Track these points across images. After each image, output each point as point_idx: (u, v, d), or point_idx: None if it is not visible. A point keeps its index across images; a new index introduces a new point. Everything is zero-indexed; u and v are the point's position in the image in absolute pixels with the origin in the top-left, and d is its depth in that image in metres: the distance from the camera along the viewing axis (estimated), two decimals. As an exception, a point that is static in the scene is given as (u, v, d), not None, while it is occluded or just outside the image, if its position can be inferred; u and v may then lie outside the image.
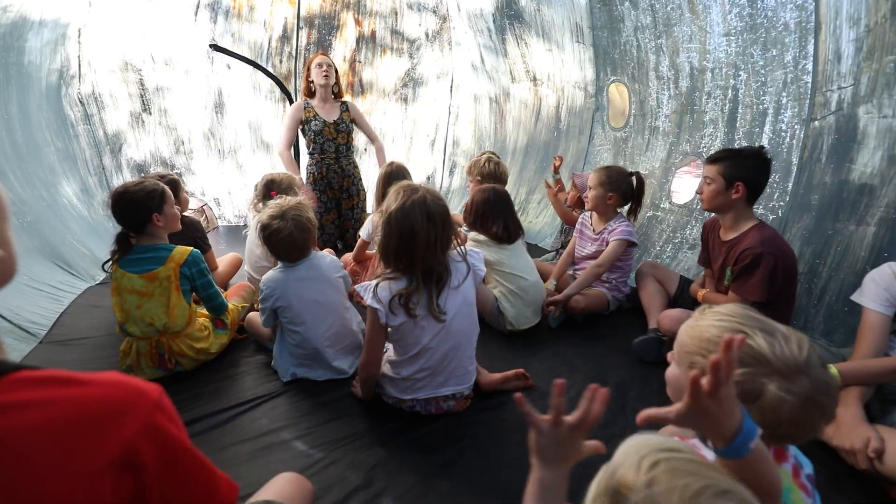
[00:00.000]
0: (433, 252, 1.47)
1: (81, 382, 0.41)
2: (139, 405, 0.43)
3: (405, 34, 4.48)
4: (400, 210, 1.45)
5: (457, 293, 1.56)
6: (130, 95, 3.89)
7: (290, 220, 1.78)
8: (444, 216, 1.49)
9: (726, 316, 0.79)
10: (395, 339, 1.59)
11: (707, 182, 2.02)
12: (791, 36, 2.29)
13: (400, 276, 1.50)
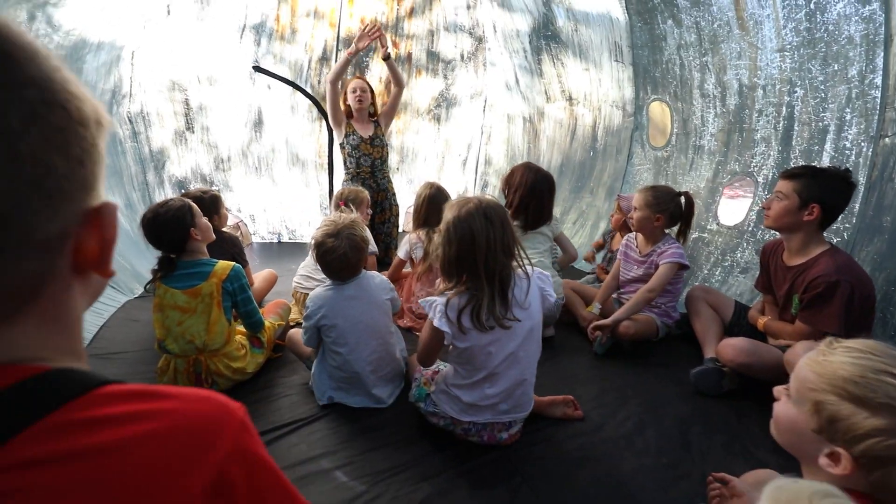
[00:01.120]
0: (494, 253, 1.41)
1: (170, 396, 0.39)
2: (228, 423, 0.40)
3: (441, 55, 4.52)
4: (457, 217, 1.43)
5: (526, 315, 1.50)
6: (175, 114, 4.02)
7: (345, 239, 1.74)
8: (502, 217, 1.45)
9: (864, 353, 0.69)
10: (461, 362, 1.53)
11: (778, 197, 1.89)
12: (856, 49, 2.17)
13: (464, 290, 1.45)
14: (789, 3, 2.40)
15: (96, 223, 0.39)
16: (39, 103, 0.34)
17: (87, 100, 0.39)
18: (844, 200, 1.87)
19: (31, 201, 0.34)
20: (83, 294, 0.43)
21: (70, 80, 0.37)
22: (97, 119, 0.40)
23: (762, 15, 2.56)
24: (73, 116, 0.37)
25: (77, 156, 0.37)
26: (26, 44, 0.35)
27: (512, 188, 2.52)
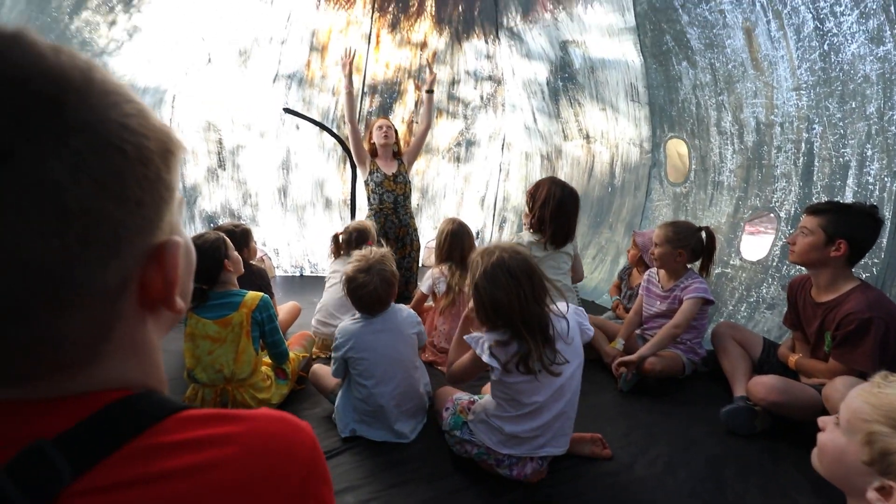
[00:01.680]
0: (528, 306, 1.46)
1: (245, 419, 0.39)
2: (303, 442, 0.41)
3: (461, 98, 4.72)
4: (483, 277, 1.49)
5: (571, 350, 1.53)
6: (209, 153, 4.25)
7: (377, 275, 1.78)
8: (526, 270, 1.49)
9: None
10: (507, 397, 1.53)
11: (803, 233, 1.89)
12: (873, 88, 2.20)
13: (507, 333, 1.49)
14: (803, 45, 2.46)
15: (159, 262, 0.38)
16: (89, 150, 0.32)
17: (150, 132, 0.37)
18: (872, 236, 1.85)
19: (83, 256, 0.33)
20: (157, 325, 0.42)
21: (130, 115, 0.36)
22: (164, 150, 0.38)
23: (776, 56, 2.63)
24: (131, 156, 0.35)
25: (136, 198, 0.35)
26: (80, 83, 0.33)
27: (537, 202, 2.53)
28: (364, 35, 4.15)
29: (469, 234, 2.66)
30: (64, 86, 0.32)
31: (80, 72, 0.33)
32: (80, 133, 0.32)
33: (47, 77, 0.31)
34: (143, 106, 0.38)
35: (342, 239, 2.81)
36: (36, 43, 0.32)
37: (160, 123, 0.39)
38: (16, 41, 0.31)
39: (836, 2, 2.22)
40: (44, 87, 0.31)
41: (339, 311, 2.58)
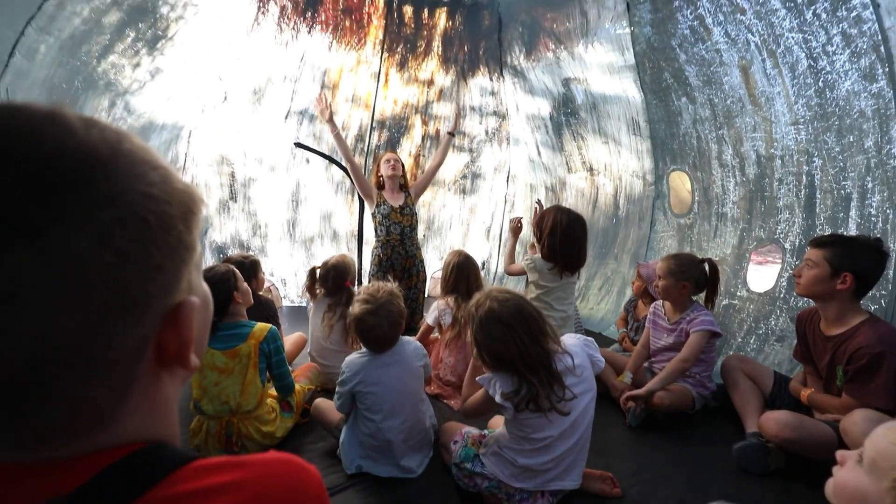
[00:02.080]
0: (527, 349, 1.47)
1: (253, 464, 0.40)
2: (310, 486, 0.42)
3: (467, 132, 4.85)
4: (478, 330, 1.53)
5: (582, 383, 1.53)
6: (221, 185, 4.37)
7: (384, 317, 1.78)
8: (518, 315, 1.51)
9: None
10: (521, 434, 1.53)
11: (808, 265, 1.89)
12: (869, 122, 2.25)
13: (513, 377, 1.50)
14: (798, 82, 2.53)
15: (175, 323, 0.39)
16: (113, 222, 0.33)
17: (174, 197, 0.38)
18: (878, 270, 1.85)
19: (103, 325, 0.33)
20: (172, 381, 0.43)
21: (154, 183, 0.37)
22: (186, 212, 0.39)
23: (773, 92, 2.70)
24: (153, 224, 0.36)
25: (156, 263, 0.36)
26: (108, 156, 0.35)
27: (545, 231, 2.55)
28: (374, 74, 4.32)
29: (474, 265, 2.68)
30: (92, 162, 0.34)
31: (108, 145, 0.35)
32: (105, 207, 0.33)
33: (77, 154, 0.33)
34: (168, 171, 0.39)
35: (319, 274, 2.71)
36: (69, 120, 0.34)
37: (183, 185, 0.40)
38: (51, 120, 0.34)
39: (827, 42, 2.30)
40: (74, 164, 0.33)
41: (324, 357, 2.59)
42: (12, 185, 0.30)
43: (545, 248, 2.53)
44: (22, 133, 0.33)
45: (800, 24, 2.38)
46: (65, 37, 2.31)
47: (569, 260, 2.51)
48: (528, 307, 1.55)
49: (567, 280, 2.56)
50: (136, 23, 2.64)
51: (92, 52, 2.53)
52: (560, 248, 2.49)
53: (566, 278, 2.55)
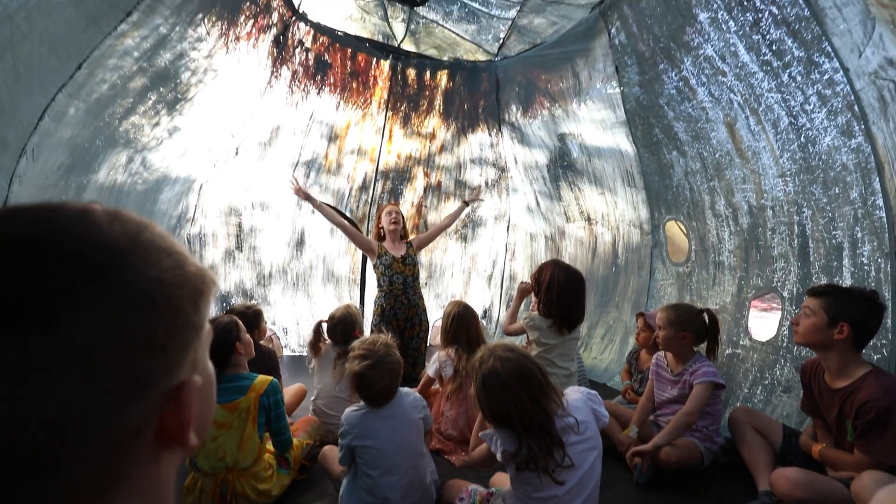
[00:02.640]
0: (526, 410, 1.47)
1: None
2: None
3: (467, 182, 5.02)
4: (480, 387, 1.53)
5: (586, 441, 1.51)
6: (228, 235, 4.47)
7: (385, 370, 1.78)
8: (519, 375, 1.50)
9: None
10: (525, 491, 1.50)
11: (806, 314, 1.90)
12: (852, 175, 2.33)
13: (512, 436, 1.50)
14: (781, 137, 2.66)
15: (176, 403, 0.39)
16: (123, 308, 0.35)
17: (185, 280, 0.40)
18: (875, 321, 1.86)
19: (104, 404, 0.34)
20: (171, 459, 0.42)
21: (167, 269, 0.39)
22: (196, 294, 0.41)
23: (758, 146, 2.82)
24: (162, 308, 0.38)
25: (161, 345, 0.37)
26: (126, 247, 0.37)
27: (542, 286, 2.54)
28: (378, 129, 4.54)
29: (474, 316, 2.69)
30: (111, 254, 0.37)
31: (128, 237, 0.38)
32: (117, 293, 0.35)
33: (99, 248, 0.36)
34: (183, 256, 0.42)
35: (327, 328, 2.73)
36: (96, 217, 0.39)
37: (195, 269, 0.43)
38: (81, 218, 0.38)
39: (805, 101, 2.44)
40: (94, 257, 0.36)
41: (332, 408, 2.56)
42: (36, 277, 0.33)
43: (542, 303, 2.51)
44: (54, 230, 0.36)
45: (777, 85, 2.53)
46: (91, 101, 2.48)
47: (566, 316, 2.48)
48: (531, 367, 1.54)
49: (568, 336, 2.52)
50: (159, 87, 2.84)
51: (115, 113, 2.70)
52: (557, 304, 2.47)
53: (567, 335, 2.51)
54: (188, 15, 2.64)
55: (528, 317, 2.56)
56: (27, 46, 1.89)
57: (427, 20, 3.99)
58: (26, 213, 0.37)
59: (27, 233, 0.36)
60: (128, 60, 2.48)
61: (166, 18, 2.49)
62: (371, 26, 4.05)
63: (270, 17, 3.34)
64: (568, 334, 2.50)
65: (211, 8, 2.79)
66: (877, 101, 2.06)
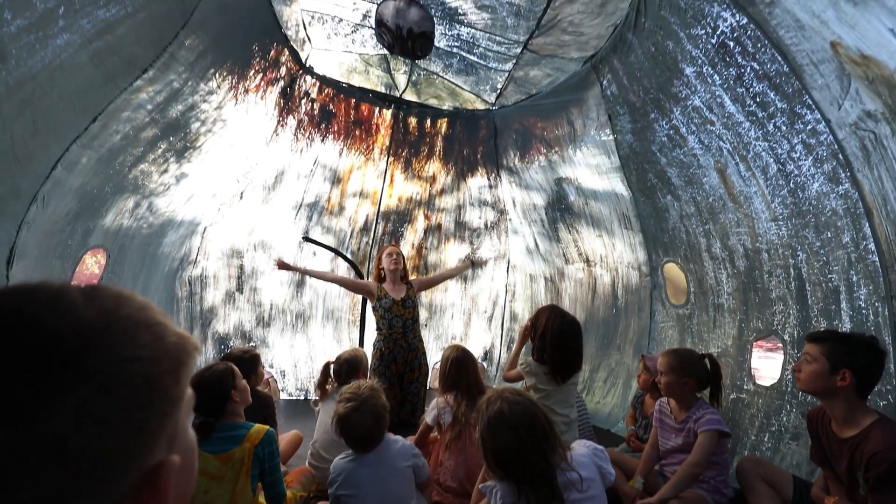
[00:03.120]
0: (529, 457, 1.45)
1: None
2: None
3: (467, 224, 5.11)
4: (486, 427, 1.52)
5: (587, 501, 1.47)
6: (230, 277, 4.50)
7: (368, 412, 1.78)
8: (525, 420, 1.49)
9: None
10: None
11: (807, 360, 1.88)
12: (842, 220, 2.38)
13: (513, 486, 1.47)
14: (771, 183, 2.73)
15: (154, 484, 0.38)
16: (98, 392, 0.34)
17: (165, 352, 0.40)
18: (876, 368, 1.84)
19: (78, 488, 0.33)
20: None
21: (145, 346, 0.39)
22: (176, 365, 0.41)
23: (750, 191, 2.89)
24: (139, 385, 0.37)
25: (138, 425, 0.37)
26: (102, 328, 0.37)
27: (538, 333, 2.52)
28: (380, 173, 4.67)
29: (473, 360, 2.66)
30: (86, 338, 0.36)
31: (104, 317, 0.38)
32: (91, 380, 0.34)
33: (74, 333, 0.36)
34: (163, 327, 0.42)
35: (333, 370, 2.77)
36: (71, 298, 0.38)
37: (176, 338, 0.42)
38: (55, 302, 0.37)
39: (791, 149, 2.52)
40: (69, 345, 0.35)
41: (328, 451, 2.50)
42: (7, 373, 0.33)
43: (536, 350, 2.49)
44: (26, 319, 0.36)
45: (764, 134, 2.63)
46: (104, 150, 2.58)
47: (561, 366, 2.43)
48: (538, 413, 1.53)
49: (564, 384, 2.48)
50: (169, 137, 2.95)
51: (125, 161, 2.80)
52: (551, 353, 2.43)
53: (562, 384, 2.46)
54: (201, 70, 2.79)
55: (524, 362, 2.53)
56: (46, 102, 2.00)
57: (428, 72, 4.19)
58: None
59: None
60: (141, 112, 2.60)
61: (180, 74, 2.64)
62: (374, 78, 4.26)
63: (279, 71, 3.52)
64: (563, 384, 2.45)
65: (223, 63, 2.95)
66: (859, 151, 2.14)
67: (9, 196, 2.12)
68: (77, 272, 2.91)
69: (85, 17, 1.85)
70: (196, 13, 2.42)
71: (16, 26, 1.60)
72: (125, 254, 3.33)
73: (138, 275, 3.59)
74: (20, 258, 2.32)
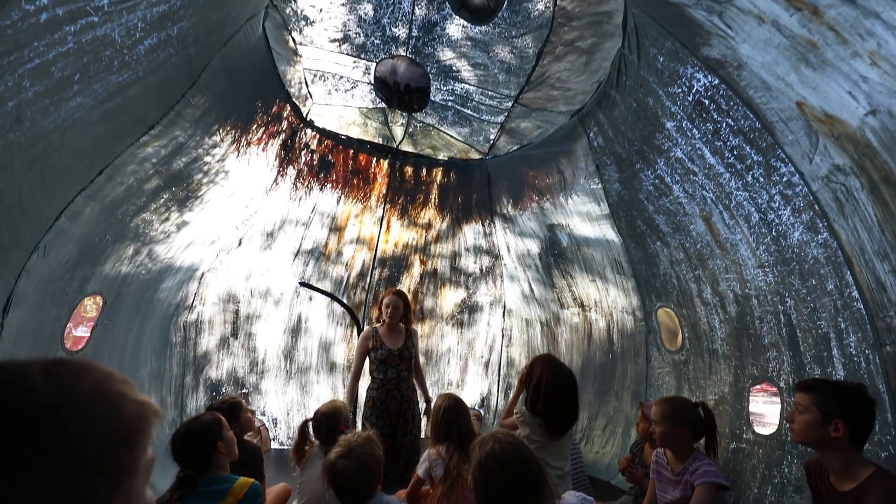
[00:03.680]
0: (519, 500, 1.46)
1: None
2: None
3: (463, 270, 5.16)
4: (477, 468, 1.53)
5: None
6: (225, 322, 4.50)
7: (356, 459, 1.75)
8: (516, 462, 1.50)
9: None
10: None
11: (799, 410, 1.87)
12: (825, 268, 2.43)
13: None
14: (755, 231, 2.80)
15: None
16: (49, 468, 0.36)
17: (122, 422, 0.41)
18: (868, 416, 1.82)
19: None
20: None
21: (100, 419, 0.40)
22: (133, 434, 0.42)
23: (735, 239, 2.96)
24: (90, 460, 0.38)
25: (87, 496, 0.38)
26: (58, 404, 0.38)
27: (532, 383, 2.46)
28: (377, 220, 4.78)
29: (465, 409, 2.61)
30: (41, 417, 0.38)
31: (60, 395, 0.39)
32: (43, 456, 0.36)
33: (29, 412, 0.38)
34: (121, 397, 0.43)
35: (312, 426, 2.58)
36: (30, 378, 0.40)
37: (136, 406, 0.44)
38: (13, 383, 0.39)
39: (770, 199, 2.61)
40: (23, 425, 0.37)
41: None
42: None
43: (530, 401, 2.44)
44: None
45: (744, 184, 2.73)
46: (107, 201, 2.67)
47: (555, 420, 2.37)
48: (529, 457, 1.54)
49: (559, 441, 2.42)
50: (171, 187, 3.06)
51: (128, 211, 2.89)
52: (544, 406, 2.38)
53: (557, 440, 2.40)
54: (206, 126, 2.94)
55: (519, 411, 2.49)
56: (56, 159, 2.10)
57: (424, 124, 4.39)
58: None
59: None
60: (145, 165, 2.71)
61: (185, 129, 2.78)
62: (372, 130, 4.46)
63: (280, 125, 3.69)
64: (558, 440, 2.38)
65: (227, 119, 3.11)
66: (833, 202, 2.23)
67: (11, 246, 2.18)
68: (75, 314, 2.93)
69: (99, 83, 1.98)
70: (203, 74, 2.59)
71: (33, 92, 1.72)
72: (122, 299, 3.35)
73: (133, 320, 3.60)
74: (16, 306, 2.35)
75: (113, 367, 2.40)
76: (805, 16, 1.89)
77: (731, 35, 2.23)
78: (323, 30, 3.46)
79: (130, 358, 3.64)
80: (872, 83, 1.84)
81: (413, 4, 3.34)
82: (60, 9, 1.59)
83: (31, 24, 1.53)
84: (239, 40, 2.76)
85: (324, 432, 2.52)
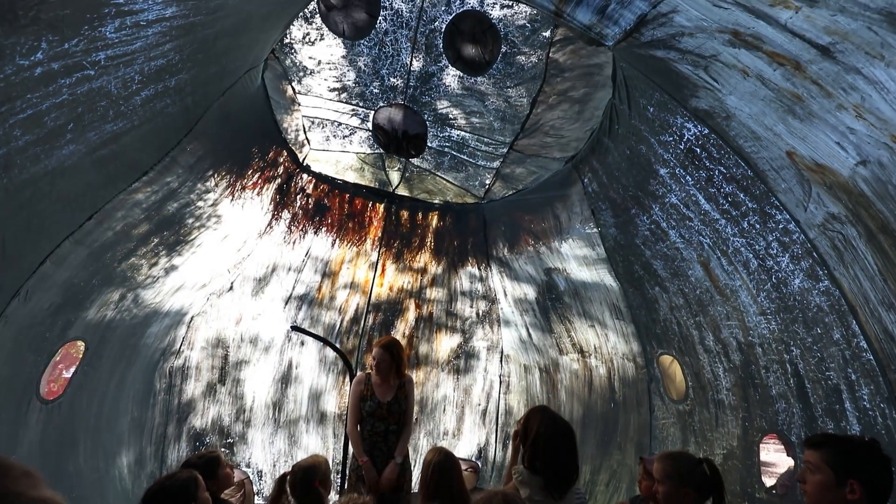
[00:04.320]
0: None
1: None
2: None
3: (459, 314, 5.07)
4: None
5: None
6: (213, 368, 4.35)
7: None
8: None
9: None
10: None
11: (810, 469, 1.74)
12: (829, 316, 2.35)
13: None
14: (754, 277, 2.75)
15: None
16: None
17: None
18: (885, 475, 1.70)
19: None
20: None
21: None
22: None
23: (735, 285, 2.90)
24: None
25: None
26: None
27: (529, 438, 2.28)
28: (371, 264, 4.73)
29: (457, 466, 2.46)
30: None
31: None
32: None
33: None
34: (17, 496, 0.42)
35: (289, 480, 2.39)
36: None
37: None
38: None
39: (767, 246, 2.58)
40: None
41: None
42: None
43: (527, 458, 2.26)
44: None
45: (740, 231, 2.71)
46: (95, 246, 2.63)
47: (556, 477, 2.18)
48: None
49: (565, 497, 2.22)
50: (162, 231, 3.04)
51: (116, 256, 2.85)
52: (543, 462, 2.20)
53: (559, 502, 2.19)
54: (200, 172, 2.96)
55: (517, 471, 2.31)
56: (44, 204, 2.08)
57: (420, 168, 4.44)
58: None
59: None
60: (136, 211, 2.70)
61: (178, 175, 2.79)
62: (369, 174, 4.50)
63: (276, 170, 3.73)
64: (561, 501, 2.19)
65: (222, 165, 3.13)
66: (832, 250, 2.19)
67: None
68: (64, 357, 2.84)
69: (93, 131, 1.99)
70: (200, 122, 2.63)
71: (24, 141, 1.72)
72: (105, 345, 3.25)
73: (116, 366, 3.47)
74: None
75: (91, 415, 2.29)
76: (788, 70, 1.93)
77: (718, 87, 2.28)
78: (322, 80, 3.56)
79: (111, 406, 3.49)
80: (860, 135, 1.85)
81: (411, 57, 3.46)
82: (56, 63, 1.61)
83: (24, 77, 1.55)
84: (237, 90, 2.82)
85: (298, 488, 2.32)
